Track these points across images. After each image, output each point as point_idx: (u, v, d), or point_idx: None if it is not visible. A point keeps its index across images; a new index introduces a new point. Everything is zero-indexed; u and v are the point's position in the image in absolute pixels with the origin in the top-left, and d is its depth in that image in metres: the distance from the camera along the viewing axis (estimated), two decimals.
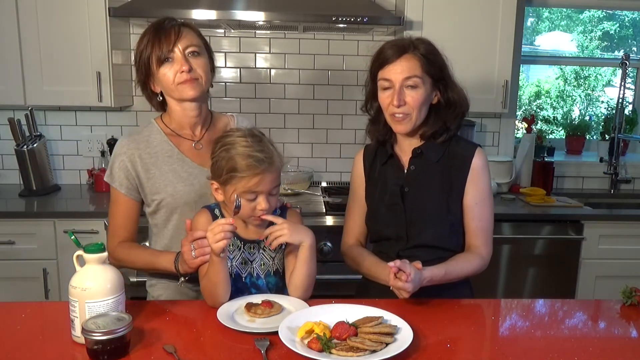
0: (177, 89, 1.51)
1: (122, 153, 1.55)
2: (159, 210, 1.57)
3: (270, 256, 1.46)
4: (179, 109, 1.57)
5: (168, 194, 1.54)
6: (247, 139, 1.36)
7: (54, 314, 1.36)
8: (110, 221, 1.60)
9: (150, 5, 2.44)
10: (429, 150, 1.55)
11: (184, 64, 1.48)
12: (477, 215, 1.53)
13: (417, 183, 1.55)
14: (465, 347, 1.21)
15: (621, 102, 3.08)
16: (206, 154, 1.56)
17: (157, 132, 1.59)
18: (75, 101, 2.67)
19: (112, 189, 1.57)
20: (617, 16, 3.73)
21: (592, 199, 3.06)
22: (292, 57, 3.01)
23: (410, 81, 1.46)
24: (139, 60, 1.53)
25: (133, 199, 1.56)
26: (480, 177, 1.53)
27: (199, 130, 1.62)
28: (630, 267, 2.60)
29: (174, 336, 1.22)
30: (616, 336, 1.33)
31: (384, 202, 1.57)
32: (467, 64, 2.68)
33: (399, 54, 1.47)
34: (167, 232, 1.59)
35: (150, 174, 1.55)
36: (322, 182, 3.13)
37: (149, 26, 1.54)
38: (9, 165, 2.96)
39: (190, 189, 1.55)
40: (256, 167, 1.32)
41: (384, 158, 1.61)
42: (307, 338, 1.16)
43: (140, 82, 1.57)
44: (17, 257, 2.44)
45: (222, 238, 1.27)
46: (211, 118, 1.66)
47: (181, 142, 1.59)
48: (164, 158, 1.56)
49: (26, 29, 2.55)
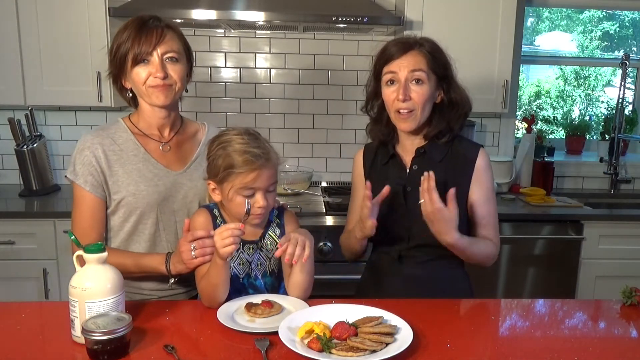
0: (147, 92, 1.47)
1: (85, 148, 1.48)
2: (117, 210, 1.51)
3: (267, 256, 1.46)
4: (148, 109, 1.53)
5: (130, 192, 1.49)
6: (243, 137, 1.36)
7: (54, 314, 1.36)
8: (75, 223, 1.49)
9: (150, 5, 2.44)
10: (432, 150, 1.55)
11: (159, 70, 1.44)
12: (485, 212, 1.55)
13: (419, 183, 1.55)
14: (465, 347, 1.21)
15: (621, 102, 3.08)
16: (173, 156, 1.55)
17: (123, 130, 1.54)
18: (75, 101, 2.67)
19: (75, 187, 1.49)
20: (617, 16, 3.73)
21: (592, 199, 3.06)
22: (292, 57, 3.01)
23: (416, 75, 1.46)
24: (115, 52, 1.47)
25: (99, 196, 1.49)
26: (485, 176, 1.54)
27: (167, 132, 1.58)
28: (630, 267, 2.60)
29: (174, 336, 1.22)
30: (616, 336, 1.33)
31: (385, 201, 1.57)
32: (467, 64, 2.64)
33: (404, 50, 1.48)
34: (121, 236, 1.53)
35: (113, 171, 1.49)
36: (322, 182, 3.13)
37: (132, 20, 1.48)
38: (9, 165, 2.97)
39: (154, 189, 1.50)
40: (253, 163, 1.32)
41: (386, 158, 1.61)
42: (307, 338, 1.16)
43: (112, 75, 1.52)
44: (17, 257, 2.44)
45: (231, 243, 1.26)
46: (181, 122, 1.63)
47: (148, 142, 1.55)
48: (129, 156, 1.51)
49: (26, 29, 2.55)
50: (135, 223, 1.52)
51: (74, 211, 1.51)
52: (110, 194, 1.50)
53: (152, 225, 1.53)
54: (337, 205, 2.57)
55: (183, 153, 1.58)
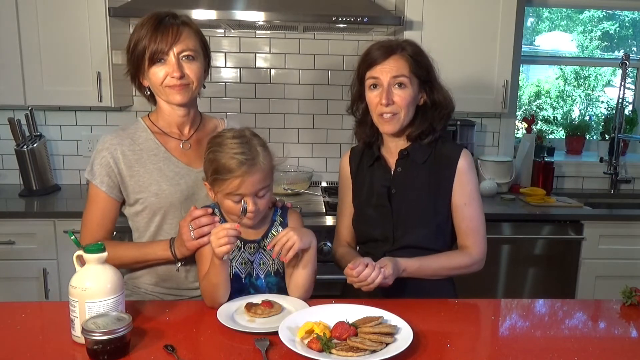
0: (165, 92, 1.47)
1: (104, 149, 1.49)
2: (142, 211, 1.51)
3: (270, 256, 1.46)
4: (167, 107, 1.53)
5: (152, 193, 1.49)
6: (234, 141, 1.35)
7: (54, 314, 1.36)
8: (85, 219, 1.52)
9: (150, 5, 2.44)
10: (415, 151, 1.56)
11: (175, 70, 1.44)
12: (466, 215, 1.54)
13: (403, 184, 1.56)
14: (465, 347, 1.21)
15: (621, 102, 3.08)
16: (194, 154, 1.55)
17: (142, 129, 1.54)
18: (75, 101, 2.67)
19: (91, 186, 1.51)
20: (617, 16, 3.73)
21: (592, 199, 3.05)
22: (292, 57, 3.01)
23: (398, 80, 1.47)
24: (132, 50, 1.47)
25: (114, 197, 1.50)
26: (467, 178, 1.54)
27: (187, 130, 1.58)
28: (630, 267, 2.60)
29: (174, 336, 1.22)
30: (616, 336, 1.33)
31: (370, 203, 1.58)
32: (467, 64, 2.68)
33: (387, 54, 1.49)
34: (147, 236, 1.54)
35: (134, 172, 1.49)
36: (322, 182, 3.13)
37: (148, 17, 1.47)
38: (9, 165, 2.96)
39: (176, 188, 1.50)
40: (236, 170, 1.32)
41: (371, 160, 1.62)
42: (307, 338, 1.17)
43: (130, 73, 1.52)
44: (17, 257, 2.44)
45: (226, 243, 1.26)
46: (201, 119, 1.63)
47: (168, 141, 1.55)
48: (149, 156, 1.51)
49: (26, 29, 2.55)
50: (160, 223, 1.52)
51: (86, 209, 1.52)
52: (132, 194, 1.50)
53: (177, 225, 1.51)
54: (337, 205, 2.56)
55: (204, 150, 1.57)
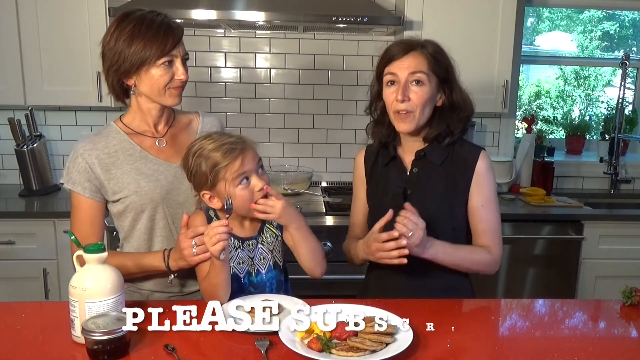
0: (167, 93, 1.46)
1: (78, 155, 1.47)
2: (125, 212, 1.50)
3: (269, 249, 1.47)
4: (147, 107, 1.52)
5: (132, 191, 1.48)
6: (210, 138, 1.39)
7: (54, 314, 1.36)
8: (75, 230, 1.47)
9: (150, 6, 2.42)
10: (432, 153, 1.54)
11: (184, 72, 1.45)
12: (483, 217, 1.53)
13: (420, 186, 1.54)
14: (465, 347, 1.21)
15: (621, 102, 3.08)
16: (170, 149, 1.55)
17: (115, 132, 1.54)
18: (75, 101, 2.67)
19: (73, 195, 1.49)
20: (617, 16, 3.73)
21: (592, 199, 3.05)
22: (292, 57, 3.00)
23: (415, 76, 1.45)
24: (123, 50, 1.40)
25: (98, 200, 1.49)
26: (485, 180, 1.52)
27: (161, 127, 1.57)
28: (630, 267, 2.60)
29: (174, 336, 1.21)
30: (616, 336, 1.33)
31: (386, 204, 1.57)
32: (467, 64, 2.63)
33: (406, 50, 1.47)
34: (135, 236, 1.54)
35: (111, 175, 1.48)
36: (322, 182, 3.13)
37: (137, 20, 1.43)
38: (9, 165, 2.96)
39: (156, 184, 1.50)
40: (233, 150, 1.35)
41: (387, 159, 1.60)
42: (307, 338, 1.16)
43: (114, 71, 1.44)
44: (17, 257, 2.44)
45: (219, 240, 1.26)
46: (174, 115, 1.62)
47: (143, 140, 1.54)
48: (125, 157, 1.50)
49: (26, 29, 2.55)
50: (146, 222, 1.52)
51: (73, 218, 1.50)
52: (112, 195, 1.49)
53: (161, 220, 1.52)
54: (337, 205, 2.57)
55: (180, 144, 1.57)
